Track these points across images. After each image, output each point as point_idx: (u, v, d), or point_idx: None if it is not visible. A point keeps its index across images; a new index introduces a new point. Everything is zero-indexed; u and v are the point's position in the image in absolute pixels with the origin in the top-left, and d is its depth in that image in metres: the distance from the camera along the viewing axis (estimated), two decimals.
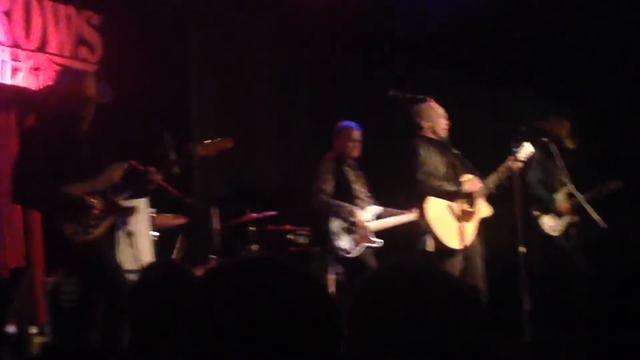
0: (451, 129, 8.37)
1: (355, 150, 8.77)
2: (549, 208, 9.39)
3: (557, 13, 10.31)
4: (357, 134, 8.78)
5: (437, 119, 8.52)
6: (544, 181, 9.26)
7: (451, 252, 8.12)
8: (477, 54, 10.63)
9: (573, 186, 8.80)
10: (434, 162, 8.37)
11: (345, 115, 9.14)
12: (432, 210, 8.21)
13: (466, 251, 8.23)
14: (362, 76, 11.04)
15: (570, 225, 9.33)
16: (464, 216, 8.35)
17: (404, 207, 8.66)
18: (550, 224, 9.40)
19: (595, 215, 8.46)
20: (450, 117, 8.37)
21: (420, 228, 8.36)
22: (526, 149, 8.45)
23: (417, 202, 8.37)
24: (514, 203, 8.18)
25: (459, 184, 8.33)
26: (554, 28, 10.38)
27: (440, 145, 8.50)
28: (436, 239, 8.18)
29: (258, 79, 11.25)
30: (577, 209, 9.16)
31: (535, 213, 9.33)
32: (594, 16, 10.14)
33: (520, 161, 8.49)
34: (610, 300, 2.56)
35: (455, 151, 8.42)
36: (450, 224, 8.24)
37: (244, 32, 11.14)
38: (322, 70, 11.27)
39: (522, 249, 7.80)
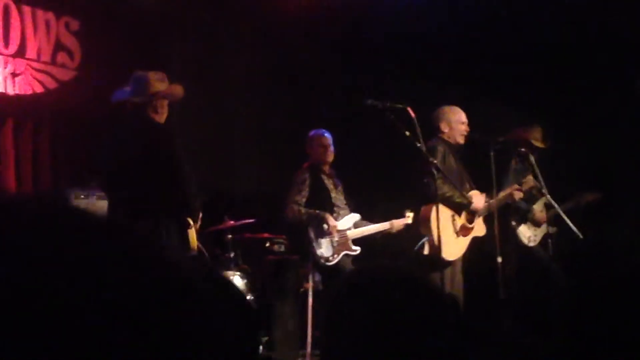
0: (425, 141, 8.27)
1: (327, 156, 8.79)
2: (526, 218, 9.41)
3: (531, 22, 10.37)
4: (326, 139, 8.80)
5: (456, 124, 8.47)
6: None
7: (444, 262, 8.06)
8: (454, 64, 10.66)
9: (550, 197, 8.82)
10: (450, 168, 8.26)
11: (325, 122, 9.16)
12: (437, 217, 8.00)
13: (453, 265, 8.22)
14: (341, 84, 11.05)
15: (547, 236, 9.34)
16: (462, 230, 8.33)
17: (396, 209, 8.67)
18: (527, 234, 9.42)
19: (572, 226, 8.48)
20: (425, 128, 8.30)
21: (418, 231, 8.29)
22: (529, 181, 8.53)
23: (421, 203, 8.32)
24: (492, 213, 8.21)
25: (469, 198, 8.28)
26: (529, 38, 10.42)
27: (456, 151, 8.46)
28: (433, 246, 8.03)
29: (237, 85, 11.23)
30: (554, 220, 9.17)
31: (513, 223, 9.34)
32: (568, 25, 10.20)
33: (523, 192, 8.57)
34: (587, 311, 2.55)
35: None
36: (450, 235, 8.18)
37: (223, 37, 11.12)
38: (301, 77, 11.27)
39: (499, 259, 7.81)
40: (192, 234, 6.80)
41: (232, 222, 9.06)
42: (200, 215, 6.99)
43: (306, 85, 11.32)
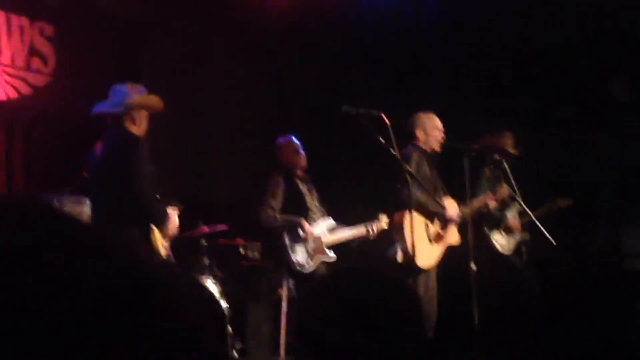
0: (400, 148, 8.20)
1: (301, 159, 8.80)
2: (499, 225, 9.43)
3: (504, 29, 10.41)
4: (296, 144, 8.82)
5: (432, 130, 8.48)
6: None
7: (418, 270, 8.03)
8: (428, 72, 10.69)
9: (523, 203, 8.83)
10: (424, 175, 8.25)
11: (300, 128, 9.17)
12: (411, 224, 7.74)
13: (427, 272, 8.21)
14: (316, 91, 11.07)
15: (521, 243, 9.37)
16: (435, 238, 8.33)
17: (370, 215, 8.68)
18: (501, 241, 9.44)
19: (546, 233, 8.50)
20: (400, 135, 8.25)
21: (392, 237, 8.27)
22: (504, 190, 8.57)
23: (394, 210, 8.32)
24: (466, 221, 8.23)
25: (443, 206, 8.28)
26: (502, 45, 10.47)
27: (430, 158, 8.46)
28: (406, 253, 7.98)
29: (211, 92, 11.23)
30: (528, 227, 9.20)
31: (486, 230, 9.36)
32: (541, 31, 10.25)
33: (497, 200, 8.61)
34: (560, 317, 2.58)
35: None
36: (423, 242, 8.17)
37: (198, 44, 11.11)
38: (276, 83, 11.29)
39: (473, 266, 7.83)
40: (156, 239, 6.91)
41: (206, 228, 9.05)
42: (176, 221, 7.16)
43: (281, 92, 11.33)
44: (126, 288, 1.04)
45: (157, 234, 6.94)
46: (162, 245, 7.02)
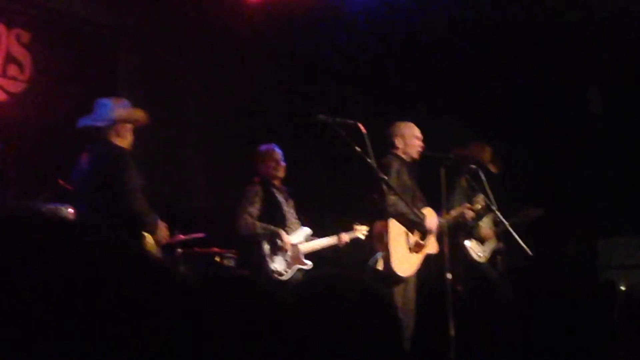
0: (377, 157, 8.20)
1: (279, 171, 8.80)
2: (472, 234, 9.45)
3: (483, 41, 10.46)
4: (277, 154, 8.82)
5: (411, 139, 8.48)
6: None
7: (397, 278, 8.05)
8: (406, 82, 10.72)
9: (499, 213, 8.86)
10: (403, 184, 8.26)
11: (275, 137, 9.17)
12: (392, 233, 7.97)
13: (407, 282, 8.22)
14: (292, 100, 11.08)
15: (496, 252, 9.40)
16: (415, 247, 8.33)
17: (346, 224, 8.71)
18: (476, 250, 9.46)
19: (522, 243, 8.52)
20: (376, 144, 8.24)
21: (373, 246, 8.28)
22: (481, 200, 8.60)
23: (373, 219, 8.32)
24: (441, 230, 8.25)
25: (422, 216, 8.28)
26: (481, 57, 10.51)
27: (409, 167, 8.46)
28: (387, 262, 8.00)
29: (187, 100, 11.21)
30: (503, 236, 9.22)
31: (461, 240, 9.38)
32: (519, 44, 10.30)
33: (474, 211, 8.63)
34: (534, 327, 2.59)
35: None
36: (403, 251, 8.19)
37: (173, 53, 11.10)
38: (252, 92, 11.28)
39: (448, 275, 7.85)
40: (149, 244, 6.95)
41: (182, 236, 9.03)
42: (161, 229, 7.23)
43: (256, 101, 11.33)
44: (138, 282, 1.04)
45: (150, 240, 6.99)
46: (154, 252, 7.02)
